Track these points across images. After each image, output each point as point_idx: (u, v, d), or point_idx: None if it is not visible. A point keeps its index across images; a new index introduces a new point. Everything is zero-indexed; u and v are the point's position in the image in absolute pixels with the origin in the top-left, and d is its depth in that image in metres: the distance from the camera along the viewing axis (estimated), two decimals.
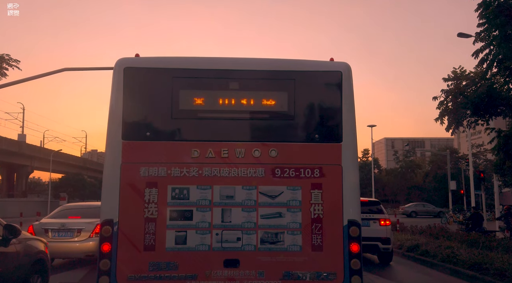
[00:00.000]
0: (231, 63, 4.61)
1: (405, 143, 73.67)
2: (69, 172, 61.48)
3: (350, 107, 4.47)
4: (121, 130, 4.33)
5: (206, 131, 4.43)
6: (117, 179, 4.23)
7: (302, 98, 4.48)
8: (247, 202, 4.26)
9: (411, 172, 65.14)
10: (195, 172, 4.29)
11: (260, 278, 4.15)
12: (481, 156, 49.83)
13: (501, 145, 13.87)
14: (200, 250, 4.17)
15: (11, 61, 21.17)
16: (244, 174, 4.30)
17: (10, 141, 48.66)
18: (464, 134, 31.55)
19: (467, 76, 15.86)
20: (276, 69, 4.57)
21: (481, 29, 12.71)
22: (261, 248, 4.20)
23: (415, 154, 72.61)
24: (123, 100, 4.37)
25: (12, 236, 5.64)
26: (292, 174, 4.32)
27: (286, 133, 4.47)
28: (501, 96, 13.31)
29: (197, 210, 4.23)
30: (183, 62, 4.60)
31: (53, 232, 9.62)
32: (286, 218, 4.25)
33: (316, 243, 4.22)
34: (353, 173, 4.40)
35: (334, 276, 4.18)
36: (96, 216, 9.17)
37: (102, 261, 4.10)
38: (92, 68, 18.46)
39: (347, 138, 4.40)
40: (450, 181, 37.81)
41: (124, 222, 4.17)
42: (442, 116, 16.04)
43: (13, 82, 16.79)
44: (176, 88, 4.43)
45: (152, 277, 4.11)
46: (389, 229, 11.38)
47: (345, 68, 4.53)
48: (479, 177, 26.14)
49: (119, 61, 4.48)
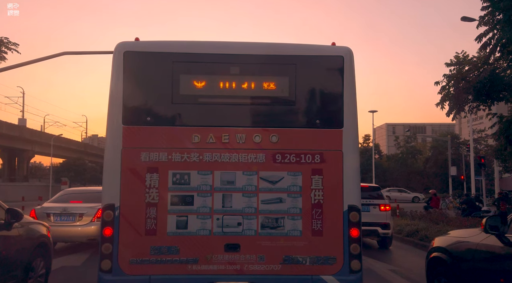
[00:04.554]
0: (232, 47, 4.57)
1: (406, 128, 73.61)
2: (70, 157, 61.62)
3: (352, 92, 4.44)
4: (121, 115, 4.32)
5: (206, 117, 4.41)
6: (118, 164, 4.24)
7: (303, 83, 4.45)
8: (248, 187, 4.27)
9: (412, 158, 65.18)
10: (195, 157, 4.29)
11: (260, 262, 4.20)
12: (482, 141, 49.79)
13: (503, 130, 13.86)
14: (201, 234, 4.20)
15: (10, 45, 20.98)
16: (244, 159, 4.30)
17: (10, 125, 48.65)
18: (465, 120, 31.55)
19: (469, 61, 15.73)
20: (277, 53, 4.53)
21: (484, 13, 12.56)
22: (261, 232, 4.23)
23: (416, 139, 72.45)
24: (123, 85, 4.34)
25: (14, 220, 5.69)
26: (293, 160, 4.32)
27: (287, 118, 4.46)
28: (503, 82, 13.22)
29: (198, 195, 4.24)
30: (184, 46, 4.55)
31: (55, 216, 9.71)
32: (287, 203, 4.27)
33: (316, 228, 4.25)
34: (354, 158, 4.39)
35: (334, 261, 4.22)
36: (97, 200, 9.27)
37: (104, 245, 4.14)
38: (92, 52, 18.36)
39: (348, 124, 4.38)
40: (451, 167, 37.88)
41: (126, 206, 4.19)
42: (444, 101, 15.97)
43: (13, 66, 16.72)
44: (176, 72, 4.40)
45: (154, 261, 4.16)
46: (389, 214, 11.46)
47: (346, 53, 4.48)
48: (480, 162, 26.19)
49: (118, 45, 4.43)
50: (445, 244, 5.13)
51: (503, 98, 13.98)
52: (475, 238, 4.66)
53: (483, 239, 4.44)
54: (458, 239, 5.08)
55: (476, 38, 12.79)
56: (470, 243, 4.69)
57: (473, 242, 4.63)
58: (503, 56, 12.92)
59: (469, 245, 4.67)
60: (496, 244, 4.21)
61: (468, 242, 4.74)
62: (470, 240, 4.74)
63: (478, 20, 12.99)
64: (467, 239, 4.87)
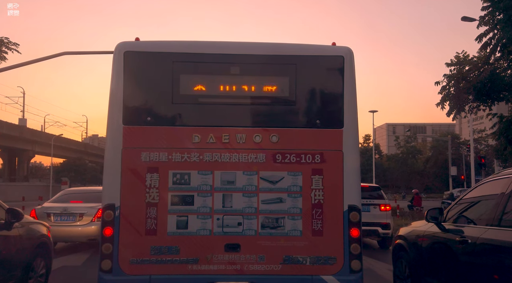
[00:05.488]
0: (232, 47, 4.56)
1: (407, 128, 73.58)
2: (70, 157, 61.66)
3: (352, 92, 4.44)
4: (121, 115, 4.31)
5: (207, 117, 4.41)
6: (118, 164, 4.24)
7: (303, 83, 4.44)
8: (248, 187, 4.27)
9: (412, 158, 65.20)
10: (196, 157, 4.29)
11: (260, 262, 4.19)
12: (482, 141, 49.77)
13: (503, 130, 13.86)
14: (201, 234, 4.20)
15: (10, 45, 20.97)
16: (245, 159, 4.30)
17: (11, 125, 48.67)
18: (466, 120, 31.57)
19: (470, 61, 15.73)
20: (278, 53, 4.53)
21: (485, 13, 12.56)
22: (261, 232, 4.23)
23: (416, 139, 72.50)
24: (124, 85, 4.34)
25: (14, 219, 5.68)
26: (293, 160, 4.32)
27: (287, 118, 4.45)
28: (503, 82, 13.23)
29: (198, 195, 4.24)
30: (184, 46, 4.55)
31: (55, 216, 9.71)
32: (287, 203, 4.26)
33: (317, 228, 4.25)
34: (354, 158, 4.39)
35: (334, 261, 4.21)
36: (98, 200, 9.27)
37: (104, 245, 4.14)
38: (92, 52, 18.38)
39: (348, 124, 4.38)
40: (451, 167, 37.87)
41: (126, 206, 4.19)
42: (444, 101, 15.97)
43: (13, 66, 16.73)
44: (176, 72, 4.39)
45: (154, 261, 4.16)
46: (389, 214, 11.46)
47: (347, 53, 4.48)
48: (480, 162, 26.22)
49: (119, 45, 4.43)
50: (404, 233, 6.09)
51: (503, 98, 13.98)
52: (423, 227, 5.51)
53: (428, 228, 5.31)
54: (413, 228, 5.99)
55: (477, 38, 12.81)
56: (419, 231, 5.60)
57: (421, 230, 5.52)
58: (503, 56, 12.93)
59: (419, 232, 5.59)
60: (436, 230, 5.10)
61: (419, 230, 5.64)
62: (420, 229, 5.62)
63: (479, 20, 13.00)
64: (418, 228, 5.75)
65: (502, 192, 4.10)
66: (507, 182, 4.13)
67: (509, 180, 4.11)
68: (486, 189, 4.65)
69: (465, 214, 4.87)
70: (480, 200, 4.83)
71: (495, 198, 4.20)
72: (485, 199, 4.64)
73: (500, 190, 4.17)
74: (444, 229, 4.95)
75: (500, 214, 3.98)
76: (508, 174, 4.25)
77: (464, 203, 5.05)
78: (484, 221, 4.29)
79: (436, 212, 5.16)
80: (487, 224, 4.14)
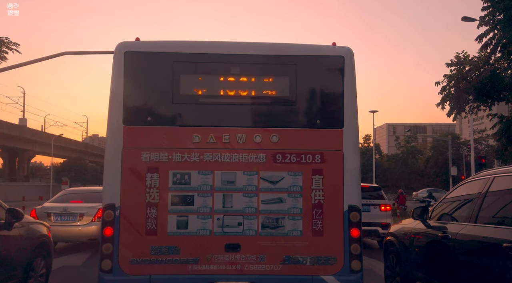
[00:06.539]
0: (232, 47, 4.56)
1: (407, 128, 73.55)
2: (70, 157, 61.62)
3: (352, 92, 4.44)
4: (122, 115, 4.32)
5: (207, 117, 4.41)
6: (118, 164, 4.24)
7: (303, 83, 4.44)
8: (248, 187, 4.27)
9: (412, 158, 65.13)
10: (196, 157, 4.29)
11: (260, 262, 4.20)
12: (483, 141, 49.75)
13: (503, 130, 13.86)
14: (201, 234, 4.20)
15: (10, 45, 21.01)
16: (245, 159, 4.30)
17: (11, 125, 48.67)
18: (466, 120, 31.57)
19: (470, 61, 15.74)
20: (278, 53, 4.53)
21: (485, 13, 12.56)
22: (262, 233, 4.23)
23: (416, 139, 72.46)
24: (124, 85, 4.34)
25: (14, 219, 5.68)
26: (293, 160, 4.32)
27: (287, 118, 4.46)
28: (504, 82, 13.23)
29: (198, 195, 4.24)
30: (184, 46, 4.55)
31: (55, 216, 9.71)
32: (287, 203, 4.27)
33: (317, 228, 4.25)
34: (354, 158, 4.39)
35: (334, 261, 4.22)
36: (98, 200, 9.27)
37: (104, 245, 4.15)
38: (92, 52, 18.35)
39: (348, 124, 4.38)
40: (451, 167, 37.84)
41: (126, 206, 4.20)
42: (444, 101, 15.97)
43: (13, 66, 16.72)
44: (177, 72, 4.40)
45: (154, 261, 4.16)
46: (389, 214, 11.45)
47: (347, 53, 4.48)
48: (481, 162, 26.19)
49: (119, 45, 4.43)
50: (394, 230, 6.52)
51: (503, 98, 13.99)
52: (411, 224, 5.97)
53: (416, 225, 5.73)
54: (402, 225, 6.45)
55: (477, 38, 12.81)
56: (407, 228, 6.05)
57: (409, 227, 5.98)
58: (503, 56, 12.94)
59: (407, 229, 6.04)
60: (422, 227, 5.53)
61: (407, 227, 6.09)
62: (408, 226, 6.09)
63: (479, 20, 13.00)
64: (407, 225, 6.20)
65: (479, 192, 4.51)
66: (483, 182, 4.54)
67: (485, 180, 4.52)
68: (467, 189, 5.04)
69: (448, 212, 5.30)
70: (461, 199, 5.17)
71: (473, 197, 4.63)
72: (465, 198, 5.00)
73: (477, 190, 4.58)
74: (429, 226, 5.38)
75: (477, 212, 4.42)
76: (485, 175, 4.67)
77: (447, 202, 5.47)
78: (464, 218, 4.70)
79: (421, 211, 5.63)
80: (466, 221, 4.56)
